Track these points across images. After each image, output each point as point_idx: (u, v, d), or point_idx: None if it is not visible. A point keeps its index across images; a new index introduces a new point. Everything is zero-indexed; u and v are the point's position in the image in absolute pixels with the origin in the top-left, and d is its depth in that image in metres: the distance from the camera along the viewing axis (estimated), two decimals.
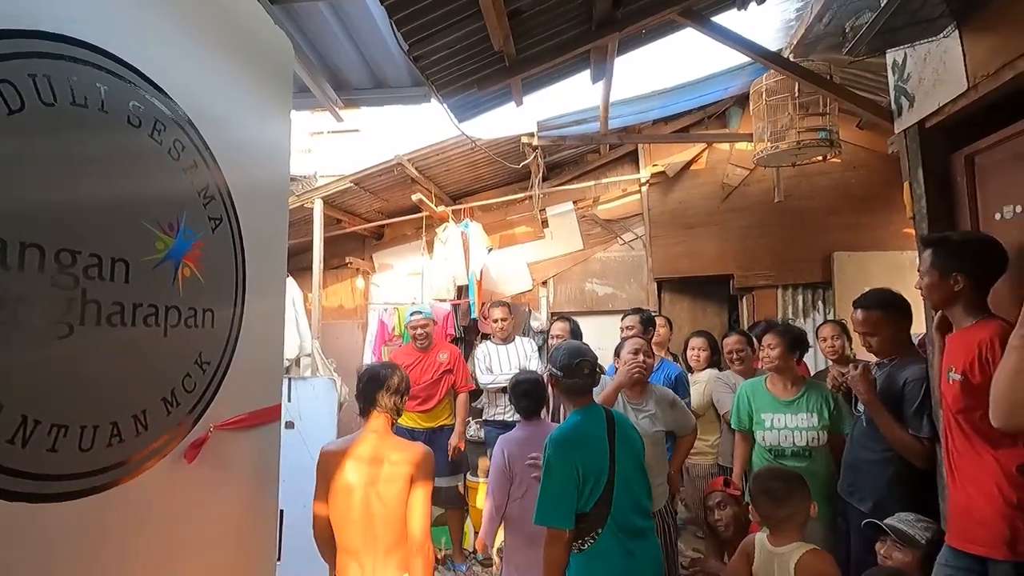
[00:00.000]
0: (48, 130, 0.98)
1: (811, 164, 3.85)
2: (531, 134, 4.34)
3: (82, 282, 1.03)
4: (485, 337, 4.86)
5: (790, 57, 3.03)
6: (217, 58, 1.54)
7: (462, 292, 5.08)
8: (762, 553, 1.85)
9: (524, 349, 4.22)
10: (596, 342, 3.05)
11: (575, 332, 3.75)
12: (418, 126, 5.80)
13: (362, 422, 2.11)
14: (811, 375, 3.34)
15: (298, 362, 4.54)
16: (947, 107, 2.00)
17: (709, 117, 5.12)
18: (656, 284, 5.26)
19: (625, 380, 2.45)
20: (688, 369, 3.72)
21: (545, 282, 5.58)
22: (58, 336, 0.99)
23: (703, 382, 3.53)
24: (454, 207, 5.40)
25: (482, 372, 4.07)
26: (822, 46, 2.85)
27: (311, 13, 2.31)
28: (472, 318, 5.08)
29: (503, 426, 4.01)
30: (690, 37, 2.81)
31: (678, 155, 5.14)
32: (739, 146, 4.86)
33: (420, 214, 5.21)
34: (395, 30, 2.16)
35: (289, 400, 3.71)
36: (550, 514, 1.80)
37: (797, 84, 3.15)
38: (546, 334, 4.83)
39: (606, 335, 4.19)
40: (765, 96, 3.37)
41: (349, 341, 5.49)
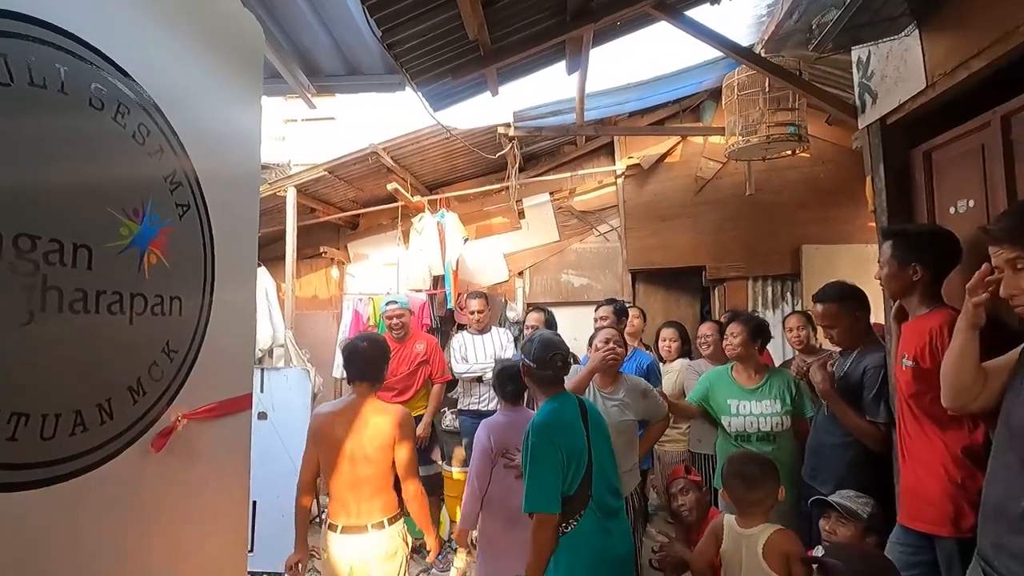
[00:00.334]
0: (4, 110, 0.95)
1: (781, 158, 3.94)
2: (507, 124, 4.34)
3: (42, 268, 1.01)
4: (461, 327, 4.87)
5: (761, 52, 3.09)
6: (184, 41, 1.51)
7: (438, 282, 5.07)
8: (730, 535, 1.90)
9: (500, 339, 4.24)
10: (571, 333, 3.09)
11: (550, 322, 3.79)
12: (394, 115, 5.74)
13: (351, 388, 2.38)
14: (776, 365, 3.43)
15: (271, 353, 4.49)
16: (907, 104, 2.07)
17: (684, 110, 5.18)
18: (631, 275, 5.33)
19: (598, 366, 2.50)
20: (660, 359, 3.79)
21: (521, 273, 5.60)
22: (18, 323, 0.97)
23: (675, 371, 3.60)
24: (430, 197, 5.38)
25: (457, 362, 4.08)
26: (792, 42, 2.91)
27: None
28: (448, 308, 5.08)
29: (477, 415, 4.02)
30: (665, 30, 2.84)
31: (653, 148, 5.20)
32: (712, 140, 4.94)
33: (396, 204, 5.17)
34: (368, 16, 2.14)
35: (262, 391, 3.67)
36: (540, 500, 1.82)
37: (768, 79, 3.21)
38: (522, 324, 4.85)
39: (581, 326, 4.24)
40: (737, 90, 3.43)
41: (323, 332, 5.44)
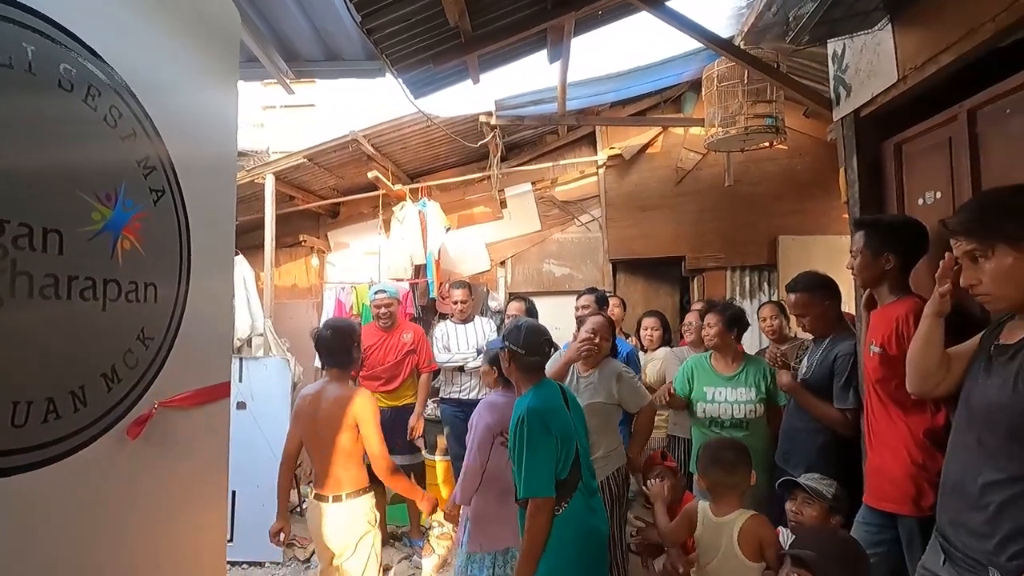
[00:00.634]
0: None
1: (759, 150, 3.99)
2: (489, 113, 4.32)
3: (11, 252, 0.99)
4: (443, 317, 4.87)
5: (741, 44, 3.12)
6: (158, 24, 1.48)
7: (419, 272, 5.05)
8: (705, 522, 1.94)
9: (483, 329, 4.25)
10: (552, 322, 3.11)
11: (531, 311, 3.81)
12: (375, 102, 5.69)
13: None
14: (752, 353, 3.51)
15: (250, 342, 4.45)
16: (879, 97, 2.12)
17: (665, 101, 5.21)
18: (611, 265, 5.38)
19: (573, 356, 2.53)
20: (642, 348, 3.84)
21: (503, 262, 5.61)
22: None
23: (660, 359, 3.66)
24: (411, 185, 5.34)
25: (440, 351, 4.08)
26: (771, 35, 2.94)
27: None
28: (430, 298, 5.07)
29: (459, 404, 4.05)
30: (646, 21, 2.85)
31: (634, 138, 5.22)
32: (693, 131, 4.98)
33: (376, 192, 5.13)
34: (347, 1, 2.11)
35: (240, 380, 3.64)
36: (537, 485, 1.85)
37: (747, 71, 3.24)
38: (503, 314, 4.87)
39: (562, 315, 4.27)
40: (717, 82, 3.46)
41: (303, 321, 5.39)
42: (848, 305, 2.59)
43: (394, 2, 2.20)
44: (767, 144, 3.68)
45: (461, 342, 4.14)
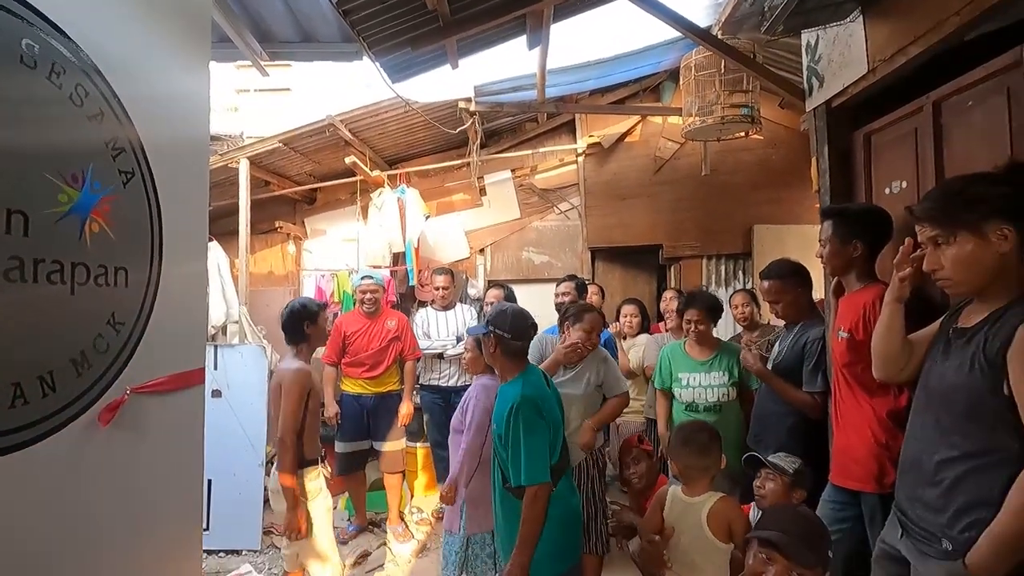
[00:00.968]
0: None
1: (735, 140, 4.04)
2: (468, 99, 4.29)
3: None
4: (422, 304, 4.86)
5: (718, 34, 3.14)
6: (126, 1, 1.43)
7: (398, 259, 5.02)
8: (675, 504, 1.98)
9: (463, 316, 4.26)
10: (532, 310, 3.12)
11: (509, 299, 3.82)
12: (352, 87, 5.60)
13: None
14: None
15: (224, 329, 4.39)
16: (850, 88, 2.16)
17: (644, 90, 5.24)
18: (590, 253, 5.42)
19: (562, 360, 2.56)
20: (621, 335, 3.90)
21: (482, 250, 5.60)
22: None
23: (641, 345, 3.72)
24: (390, 172, 5.29)
25: (420, 338, 4.08)
26: (747, 25, 2.97)
27: None
28: (409, 285, 5.05)
29: (438, 391, 4.06)
30: (625, 8, 2.85)
31: (614, 127, 5.24)
32: (671, 120, 5.02)
33: (354, 178, 5.07)
34: None
35: (215, 368, 3.59)
36: (536, 471, 1.86)
37: (723, 61, 3.27)
38: (482, 301, 4.88)
39: (542, 303, 4.29)
40: (694, 71, 3.49)
41: (279, 308, 5.28)
42: (819, 292, 2.66)
43: None
44: (743, 134, 3.73)
45: (441, 329, 4.15)
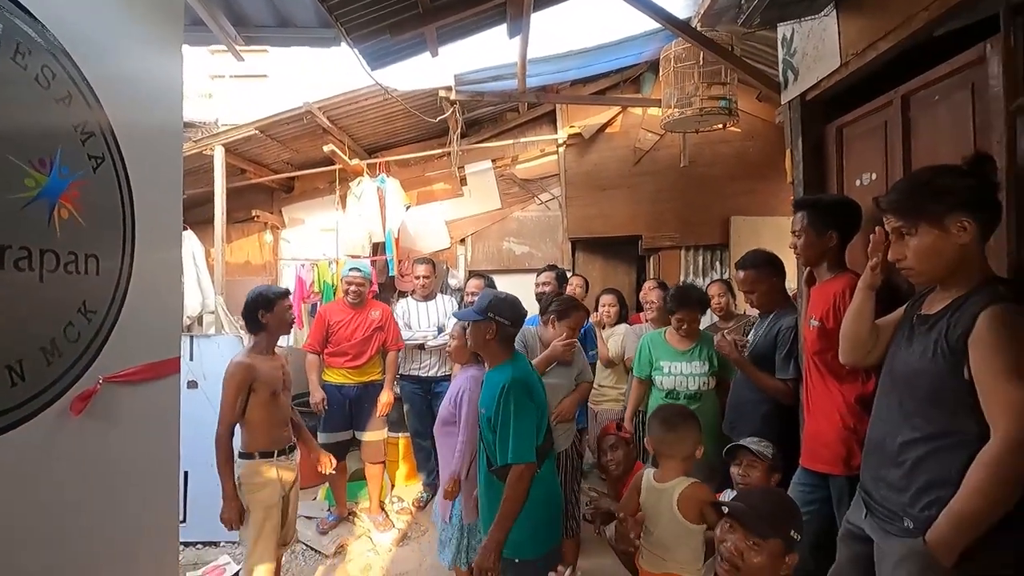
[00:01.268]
0: None
1: (713, 132, 4.08)
2: (449, 88, 4.26)
3: None
4: (402, 295, 4.84)
5: (697, 26, 3.17)
6: None
7: (378, 249, 4.99)
8: (648, 488, 2.02)
9: (444, 307, 4.25)
10: None
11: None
12: (330, 74, 5.51)
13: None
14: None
15: (200, 320, 4.32)
16: (824, 82, 2.20)
17: (625, 81, 5.25)
18: (571, 244, 5.44)
19: (559, 357, 2.62)
20: (600, 324, 3.93)
21: (463, 240, 5.59)
22: None
23: (620, 334, 3.76)
24: (369, 161, 5.24)
25: (400, 328, 4.06)
26: (726, 17, 2.99)
27: None
28: (389, 275, 5.02)
29: (419, 382, 4.06)
30: None
31: (594, 117, 5.25)
32: (651, 111, 5.04)
33: (333, 167, 5.00)
34: None
35: (191, 359, 3.53)
36: (523, 451, 1.91)
37: (702, 53, 3.30)
38: (463, 291, 4.87)
39: (522, 293, 4.29)
40: (674, 62, 3.51)
41: None
42: (793, 283, 2.72)
43: None
44: (721, 126, 3.78)
45: (422, 319, 4.14)
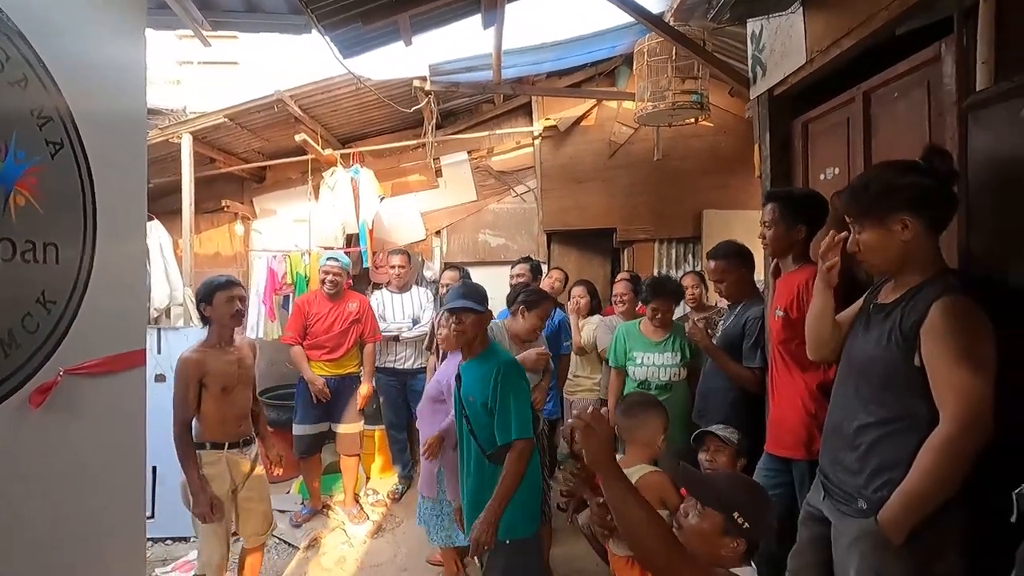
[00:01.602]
0: None
1: (686, 126, 4.14)
2: (423, 78, 4.23)
3: None
4: (377, 287, 4.80)
5: (671, 21, 3.20)
6: None
7: (352, 240, 4.93)
8: None
9: (419, 299, 4.24)
10: (488, 292, 3.15)
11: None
12: (303, 62, 5.40)
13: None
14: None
15: (168, 312, 4.23)
16: (791, 78, 2.25)
17: (600, 74, 5.27)
18: (546, 236, 5.47)
19: (530, 366, 2.64)
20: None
21: (439, 232, 5.57)
22: None
23: (593, 324, 3.82)
24: (343, 151, 5.16)
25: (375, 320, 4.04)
26: (699, 12, 3.04)
27: None
28: (364, 267, 4.97)
29: (394, 374, 4.05)
30: None
31: (570, 110, 5.27)
32: (626, 105, 5.07)
33: (306, 157, 4.92)
34: None
35: (159, 352, 3.46)
36: (526, 427, 2.00)
37: (675, 48, 3.33)
38: (438, 283, 4.86)
39: (498, 285, 4.31)
40: (647, 56, 3.54)
41: None
42: (761, 274, 2.79)
43: None
44: (693, 120, 3.82)
45: (397, 311, 4.12)
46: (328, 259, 3.81)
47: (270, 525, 2.63)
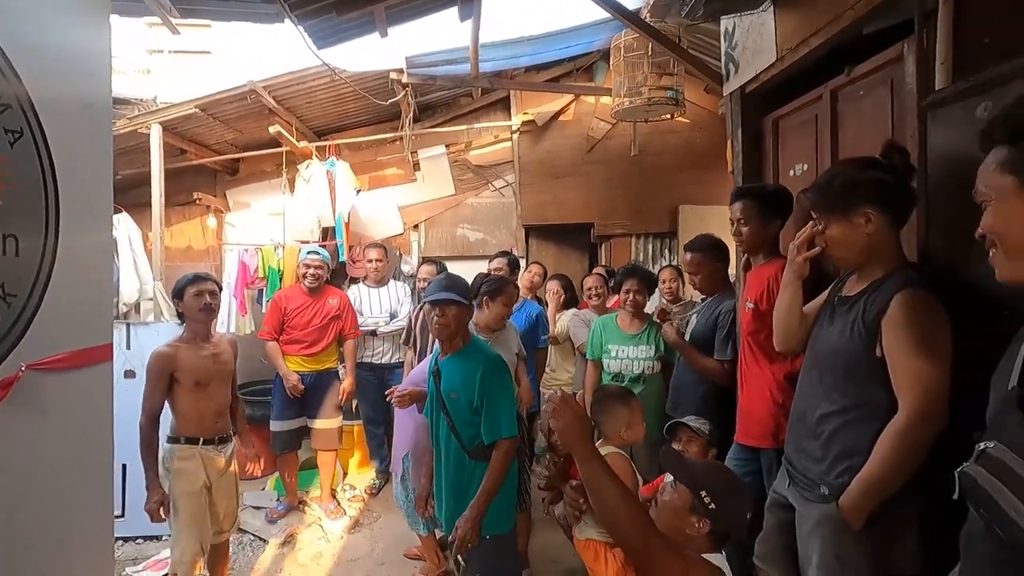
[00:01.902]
0: None
1: (663, 122, 4.18)
2: (400, 70, 4.19)
3: None
4: (354, 281, 4.76)
5: (647, 17, 3.22)
6: None
7: (327, 234, 4.88)
8: None
9: (397, 293, 4.22)
10: None
11: None
12: (278, 52, 5.30)
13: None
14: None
15: (138, 307, 4.13)
16: (762, 75, 2.30)
17: (578, 69, 5.29)
18: (524, 230, 5.48)
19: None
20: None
21: (416, 226, 5.54)
22: None
23: (568, 316, 3.85)
24: (318, 143, 5.09)
25: None
26: (674, 9, 3.06)
27: None
28: (340, 261, 4.93)
29: (372, 369, 4.02)
30: None
31: (548, 105, 5.28)
32: (603, 100, 5.10)
33: (280, 149, 4.84)
34: None
35: (128, 347, 3.38)
36: (513, 425, 2.01)
37: (651, 44, 3.37)
38: (416, 278, 4.84)
39: None
40: (624, 52, 3.57)
41: None
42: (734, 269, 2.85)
43: None
44: (668, 116, 3.87)
45: (374, 306, 4.09)
46: (309, 253, 3.77)
47: (234, 522, 2.63)
